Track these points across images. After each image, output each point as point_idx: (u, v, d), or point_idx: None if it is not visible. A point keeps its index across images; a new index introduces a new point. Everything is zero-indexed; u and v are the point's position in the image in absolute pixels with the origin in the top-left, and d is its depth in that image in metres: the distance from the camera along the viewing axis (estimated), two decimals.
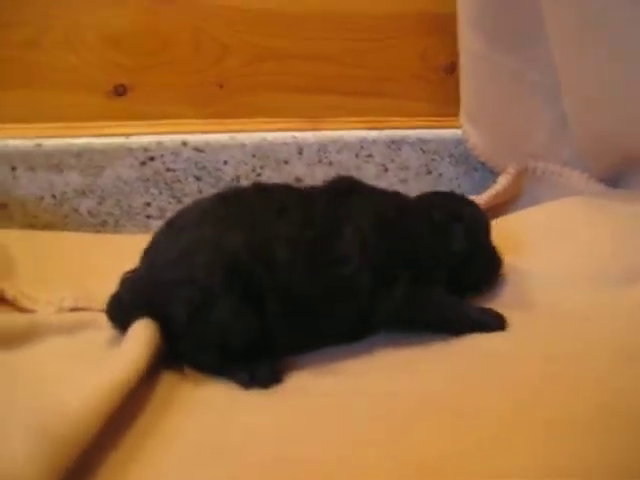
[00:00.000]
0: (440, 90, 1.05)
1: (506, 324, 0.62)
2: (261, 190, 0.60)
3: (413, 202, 0.65)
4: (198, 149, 0.92)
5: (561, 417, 0.46)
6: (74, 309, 0.66)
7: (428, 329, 0.60)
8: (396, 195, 0.65)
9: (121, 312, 0.56)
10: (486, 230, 0.70)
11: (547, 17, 0.86)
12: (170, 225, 0.58)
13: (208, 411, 0.49)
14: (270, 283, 0.53)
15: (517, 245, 0.80)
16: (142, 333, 0.52)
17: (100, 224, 0.90)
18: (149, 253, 0.57)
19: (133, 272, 0.57)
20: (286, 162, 0.96)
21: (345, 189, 0.61)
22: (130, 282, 0.57)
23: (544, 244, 0.79)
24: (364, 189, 0.62)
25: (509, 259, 0.77)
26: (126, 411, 0.46)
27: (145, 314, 0.54)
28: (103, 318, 0.59)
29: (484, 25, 0.92)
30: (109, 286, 0.58)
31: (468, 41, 0.95)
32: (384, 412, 0.48)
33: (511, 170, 0.97)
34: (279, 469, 0.42)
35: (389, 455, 0.43)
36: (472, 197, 0.93)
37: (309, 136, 0.97)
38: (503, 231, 0.86)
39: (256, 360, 0.53)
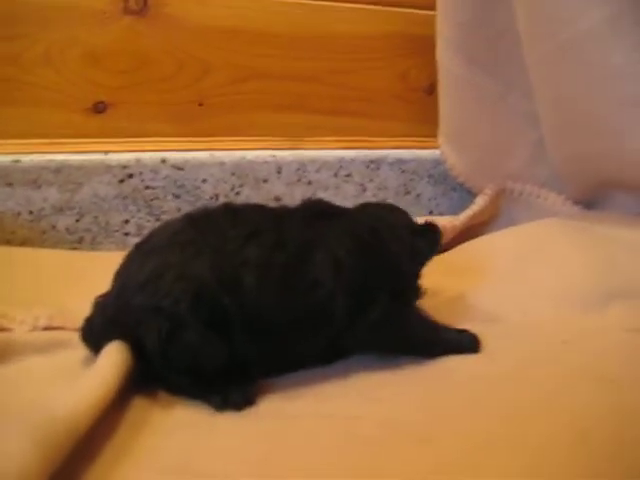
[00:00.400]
0: (420, 111, 1.07)
1: (480, 346, 0.62)
2: (231, 211, 0.58)
3: (377, 221, 0.63)
4: (177, 167, 0.92)
5: (540, 442, 0.46)
6: (48, 328, 0.66)
7: (403, 351, 0.60)
8: (361, 212, 0.65)
9: (93, 336, 0.56)
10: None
11: (523, 42, 0.87)
12: (139, 248, 0.57)
13: (180, 433, 0.48)
14: (237, 309, 0.52)
15: (491, 267, 0.81)
16: (113, 356, 0.51)
17: (77, 241, 0.90)
18: (119, 276, 0.57)
19: (105, 295, 0.57)
20: (265, 181, 0.96)
21: (318, 212, 0.60)
22: (101, 306, 0.56)
23: (518, 266, 0.80)
24: (337, 211, 0.62)
25: (484, 281, 0.78)
26: (98, 432, 0.46)
27: (117, 337, 0.53)
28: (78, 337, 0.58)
29: (464, 47, 0.94)
30: (85, 304, 0.58)
31: (448, 62, 0.96)
32: (352, 437, 0.47)
33: (488, 191, 0.98)
34: None
35: None
36: (449, 217, 0.94)
37: (288, 155, 0.98)
38: (478, 253, 0.87)
39: (229, 383, 0.53)
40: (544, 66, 0.86)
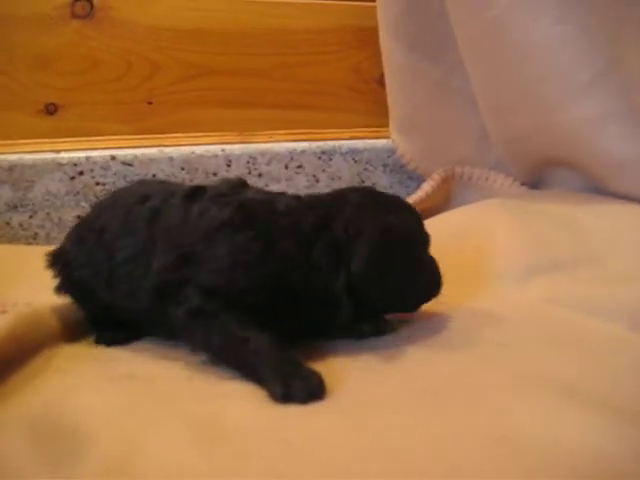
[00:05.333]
0: (373, 101, 1.08)
1: None
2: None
3: None
4: (126, 163, 0.95)
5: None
6: None
7: None
8: None
9: None
10: None
11: (453, 24, 0.89)
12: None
13: None
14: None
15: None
16: None
17: (32, 237, 0.93)
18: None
19: None
20: (215, 174, 0.99)
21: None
22: None
23: (450, 245, 0.80)
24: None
25: None
26: None
27: None
28: None
29: (404, 34, 0.95)
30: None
31: (390, 51, 0.98)
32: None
33: (436, 176, 0.98)
34: None
35: None
36: None
37: (237, 149, 1.00)
38: None
39: None
40: (472, 47, 0.87)
